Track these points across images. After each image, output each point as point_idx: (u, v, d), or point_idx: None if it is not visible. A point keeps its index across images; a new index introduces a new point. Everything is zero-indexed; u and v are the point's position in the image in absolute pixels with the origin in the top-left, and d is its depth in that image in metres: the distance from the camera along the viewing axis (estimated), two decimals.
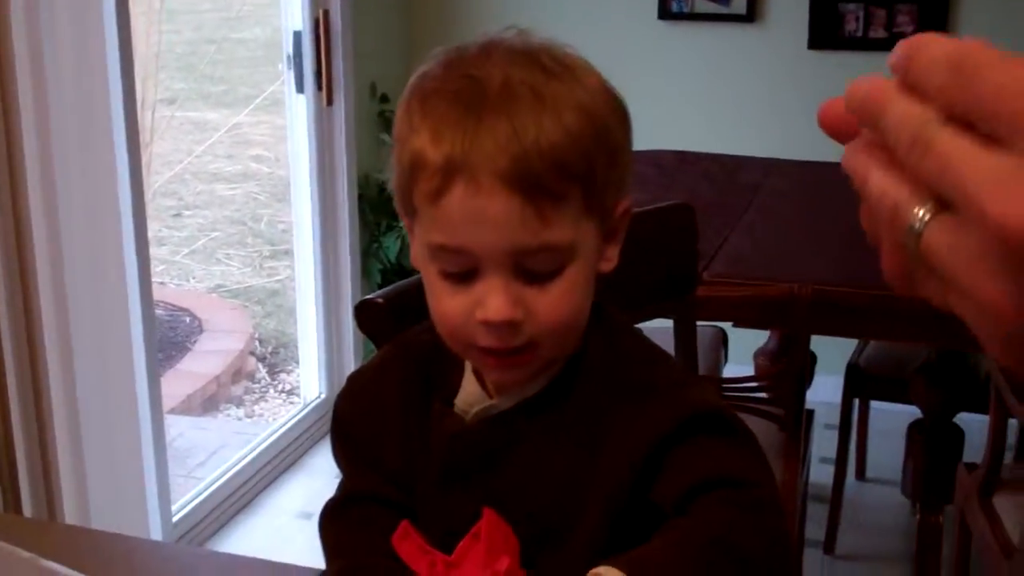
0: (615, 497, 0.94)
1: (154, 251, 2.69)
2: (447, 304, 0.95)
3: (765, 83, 3.66)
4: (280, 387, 4.49)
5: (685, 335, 1.69)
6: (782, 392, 2.07)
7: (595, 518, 0.95)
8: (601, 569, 0.82)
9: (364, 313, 1.31)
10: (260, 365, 4.67)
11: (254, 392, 4.46)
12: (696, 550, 0.86)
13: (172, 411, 3.77)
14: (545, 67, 0.92)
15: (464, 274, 0.93)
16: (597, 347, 1.00)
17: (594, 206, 0.94)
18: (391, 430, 1.03)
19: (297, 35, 3.36)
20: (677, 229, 1.64)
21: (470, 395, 1.01)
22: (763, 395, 2.15)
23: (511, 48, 0.94)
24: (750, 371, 2.81)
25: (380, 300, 1.30)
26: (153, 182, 5.54)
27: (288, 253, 4.90)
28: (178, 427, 3.79)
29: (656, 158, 3.05)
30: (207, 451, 3.68)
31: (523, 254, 0.91)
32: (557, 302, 0.93)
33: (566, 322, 0.95)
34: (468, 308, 0.93)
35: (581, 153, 0.90)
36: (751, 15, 3.63)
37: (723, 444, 0.94)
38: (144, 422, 2.59)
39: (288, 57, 3.40)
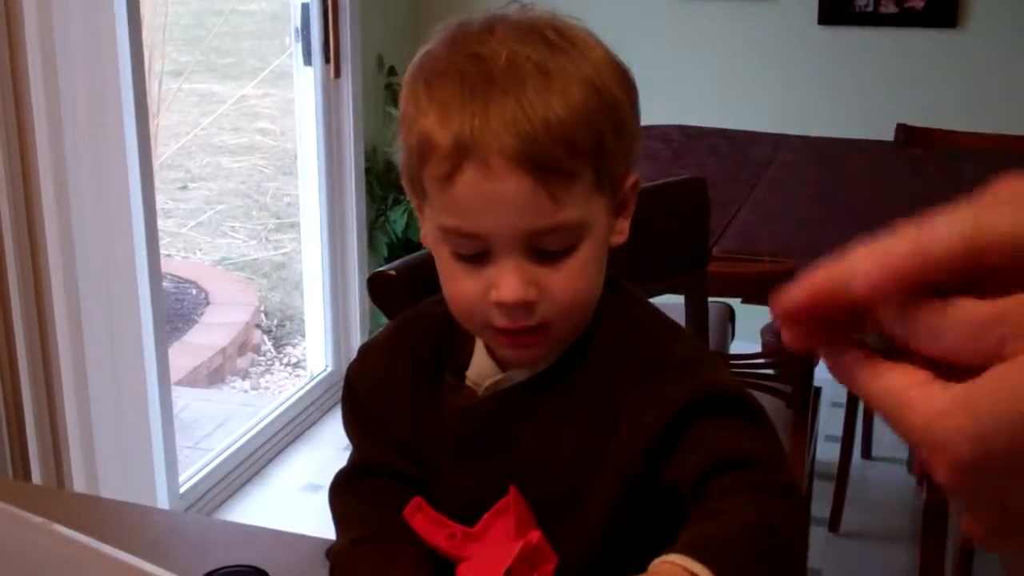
0: (628, 473, 0.94)
1: (160, 223, 2.68)
2: (461, 286, 0.94)
3: (775, 59, 3.64)
4: (286, 360, 4.50)
5: (696, 310, 1.68)
6: (790, 369, 2.07)
7: (607, 493, 0.95)
8: (671, 556, 0.80)
9: (377, 285, 1.30)
10: (266, 338, 4.68)
11: (260, 365, 4.47)
12: (748, 530, 0.84)
13: (178, 383, 3.77)
14: (550, 42, 0.91)
15: (477, 256, 0.92)
16: (611, 321, 0.99)
17: (604, 181, 0.93)
18: (402, 402, 1.03)
19: (305, 7, 3.35)
20: (689, 203, 1.63)
21: (482, 367, 1.01)
22: (770, 372, 2.14)
23: (515, 23, 0.92)
24: (757, 347, 2.80)
25: (393, 272, 1.30)
26: (159, 154, 5.53)
27: (293, 226, 4.89)
28: (184, 399, 3.80)
29: (665, 134, 3.04)
30: (214, 422, 3.69)
31: (536, 235, 0.90)
32: (571, 280, 0.92)
33: (581, 299, 0.94)
34: (482, 289, 0.92)
35: (590, 129, 0.89)
36: None
37: (739, 425, 0.93)
38: (152, 393, 2.60)
39: (295, 29, 3.39)
